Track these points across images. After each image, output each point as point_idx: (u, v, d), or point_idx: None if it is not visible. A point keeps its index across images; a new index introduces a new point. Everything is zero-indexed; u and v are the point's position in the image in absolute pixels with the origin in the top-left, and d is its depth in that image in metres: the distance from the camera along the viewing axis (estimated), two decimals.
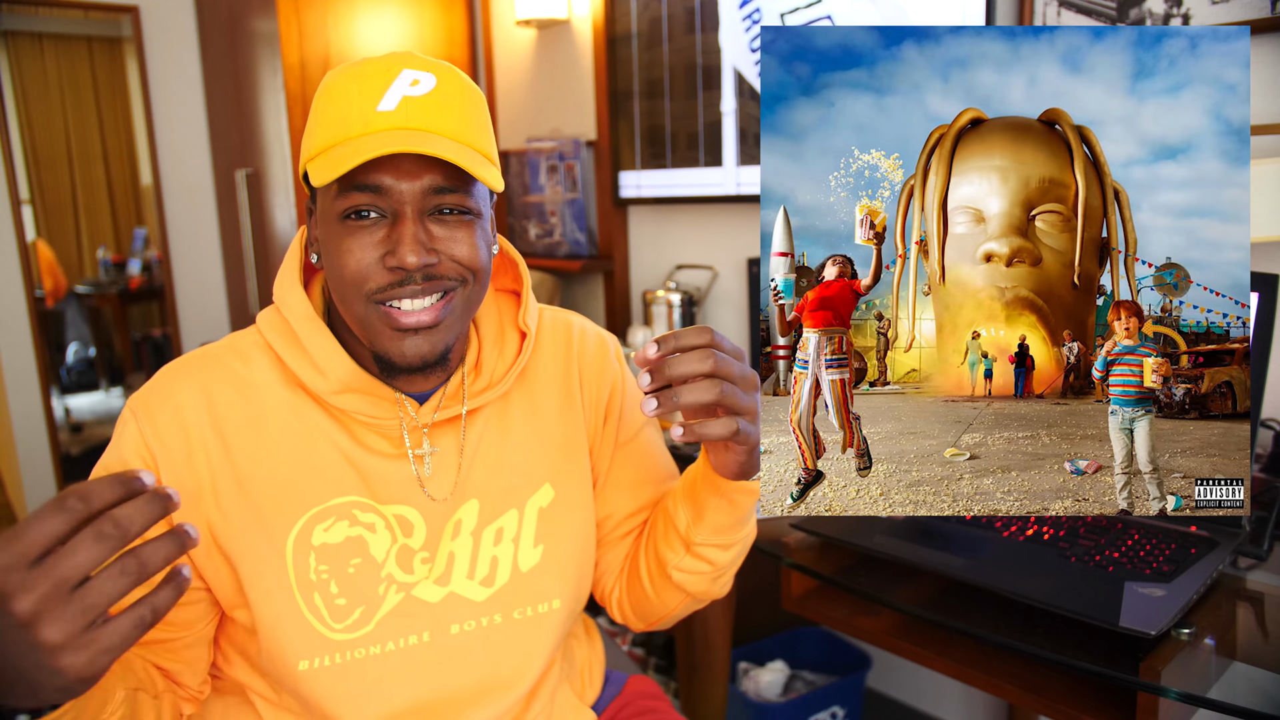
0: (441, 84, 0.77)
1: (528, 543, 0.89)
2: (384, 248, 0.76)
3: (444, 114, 0.76)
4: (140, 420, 0.79)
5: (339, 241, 0.77)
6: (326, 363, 0.81)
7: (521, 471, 0.90)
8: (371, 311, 0.77)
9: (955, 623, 1.04)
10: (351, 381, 0.82)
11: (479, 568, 0.87)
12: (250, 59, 2.87)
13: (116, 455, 0.79)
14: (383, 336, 0.78)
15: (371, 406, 0.83)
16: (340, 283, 0.78)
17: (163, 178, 3.28)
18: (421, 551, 0.85)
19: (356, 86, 0.76)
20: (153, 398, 0.80)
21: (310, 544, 0.81)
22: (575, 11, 2.65)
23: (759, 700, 1.87)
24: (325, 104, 0.77)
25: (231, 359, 0.83)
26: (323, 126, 0.77)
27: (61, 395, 3.54)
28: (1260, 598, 1.08)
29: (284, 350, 0.82)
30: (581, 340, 0.97)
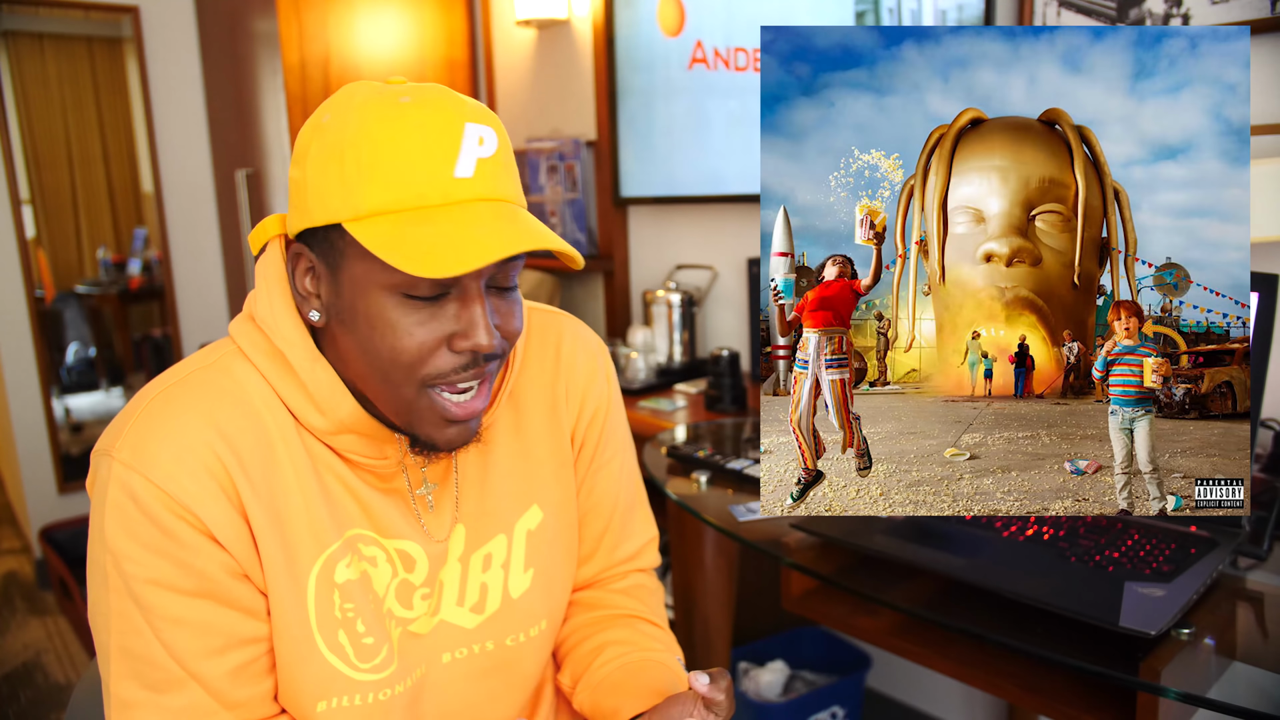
0: (500, 139, 0.70)
1: (518, 567, 0.85)
2: (450, 328, 0.69)
3: (508, 176, 0.71)
4: (153, 476, 0.67)
5: (387, 316, 0.68)
6: (328, 402, 0.73)
7: (508, 494, 0.86)
8: (423, 398, 0.71)
9: (955, 623, 1.04)
10: (350, 423, 0.75)
11: (469, 595, 0.83)
12: (250, 59, 2.87)
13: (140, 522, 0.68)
14: (428, 424, 0.72)
15: (366, 446, 0.77)
16: (384, 362, 0.69)
17: (163, 178, 3.28)
18: (422, 588, 0.81)
19: (421, 141, 0.66)
20: (156, 448, 0.69)
21: (334, 581, 0.75)
22: (575, 11, 2.65)
23: (759, 700, 1.87)
24: (378, 153, 0.66)
25: (223, 382, 0.73)
26: (380, 182, 0.66)
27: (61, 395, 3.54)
28: (1260, 598, 1.08)
29: (279, 383, 0.74)
30: (572, 354, 0.90)
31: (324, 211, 0.68)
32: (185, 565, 0.69)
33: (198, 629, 0.70)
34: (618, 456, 0.95)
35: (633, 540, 0.97)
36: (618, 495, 0.95)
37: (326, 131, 0.68)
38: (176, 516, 0.68)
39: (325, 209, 0.68)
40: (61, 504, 3.19)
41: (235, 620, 0.72)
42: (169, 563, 0.68)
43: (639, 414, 2.00)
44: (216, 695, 0.71)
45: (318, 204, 0.68)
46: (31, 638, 2.82)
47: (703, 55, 2.23)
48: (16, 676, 2.59)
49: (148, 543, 0.68)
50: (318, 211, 0.68)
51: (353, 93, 0.70)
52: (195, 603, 0.70)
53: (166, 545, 0.68)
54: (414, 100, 0.68)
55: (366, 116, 0.67)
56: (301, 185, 0.70)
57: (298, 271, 0.73)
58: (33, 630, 2.88)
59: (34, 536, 3.17)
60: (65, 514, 3.17)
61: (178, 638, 0.69)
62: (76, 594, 2.64)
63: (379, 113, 0.67)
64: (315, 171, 0.68)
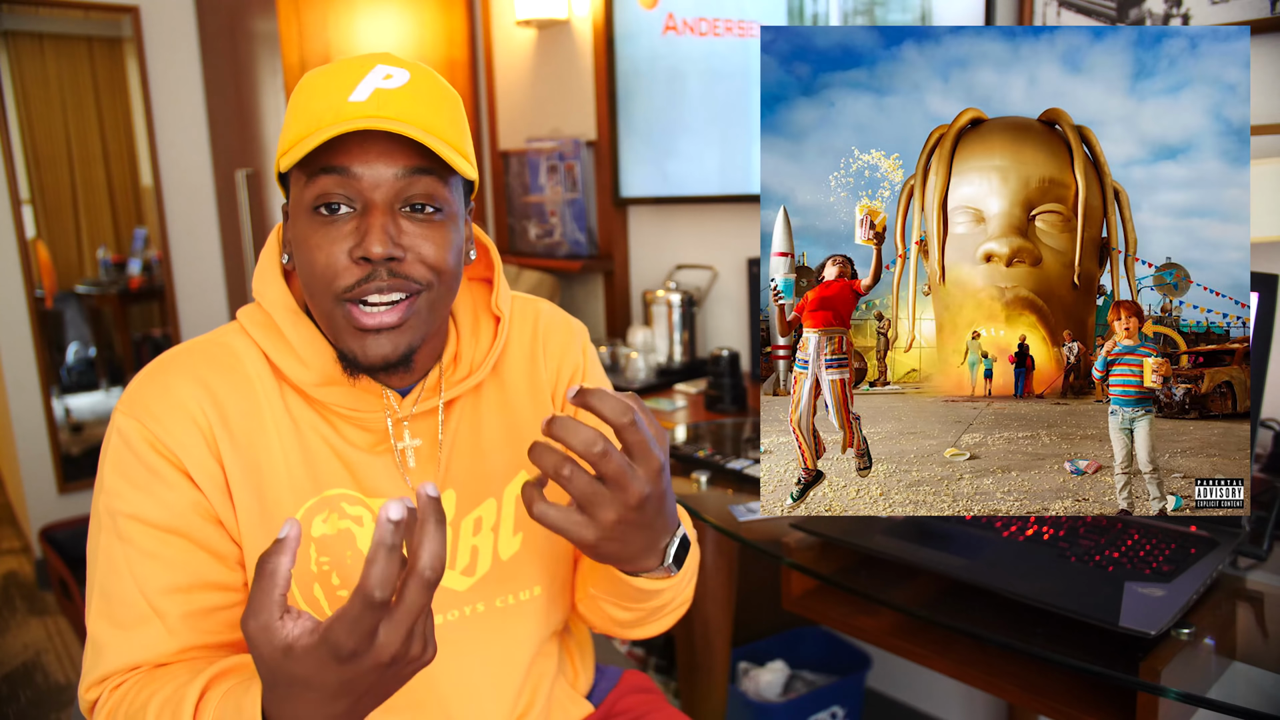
0: (415, 79, 0.76)
1: (507, 531, 0.89)
2: (352, 240, 0.74)
3: (417, 106, 0.75)
4: (144, 419, 0.77)
5: (308, 236, 0.75)
6: (308, 354, 0.80)
7: (497, 459, 0.90)
8: (337, 310, 0.76)
9: (955, 623, 1.04)
10: (334, 374, 0.81)
11: (460, 558, 0.86)
12: (250, 59, 2.87)
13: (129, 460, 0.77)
14: (346, 335, 0.77)
15: (353, 399, 0.82)
16: (310, 279, 0.76)
17: (163, 178, 3.28)
18: None
19: (328, 80, 0.75)
20: (148, 396, 0.78)
21: (310, 535, 0.81)
22: (575, 11, 2.65)
23: (759, 700, 1.87)
24: (298, 99, 0.76)
25: (218, 351, 0.82)
26: (295, 120, 0.75)
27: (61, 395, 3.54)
28: (1260, 598, 1.08)
29: (266, 342, 0.81)
30: (548, 326, 0.96)
31: (276, 160, 0.78)
32: (162, 500, 0.76)
33: (165, 563, 0.76)
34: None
35: None
36: None
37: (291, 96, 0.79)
38: (158, 454, 0.76)
39: (277, 156, 0.77)
40: (61, 504, 3.19)
41: (204, 562, 0.78)
42: (149, 497, 0.76)
43: None
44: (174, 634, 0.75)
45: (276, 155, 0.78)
46: (31, 638, 2.82)
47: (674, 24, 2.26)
48: (16, 676, 2.59)
49: (133, 478, 0.76)
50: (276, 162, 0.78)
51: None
52: (167, 538, 0.76)
53: (148, 480, 0.76)
54: (346, 56, 0.79)
55: (307, 74, 0.78)
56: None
57: (285, 223, 0.82)
58: (33, 630, 2.88)
59: (34, 536, 3.17)
60: (65, 514, 3.17)
61: (147, 571, 0.75)
62: (76, 594, 2.63)
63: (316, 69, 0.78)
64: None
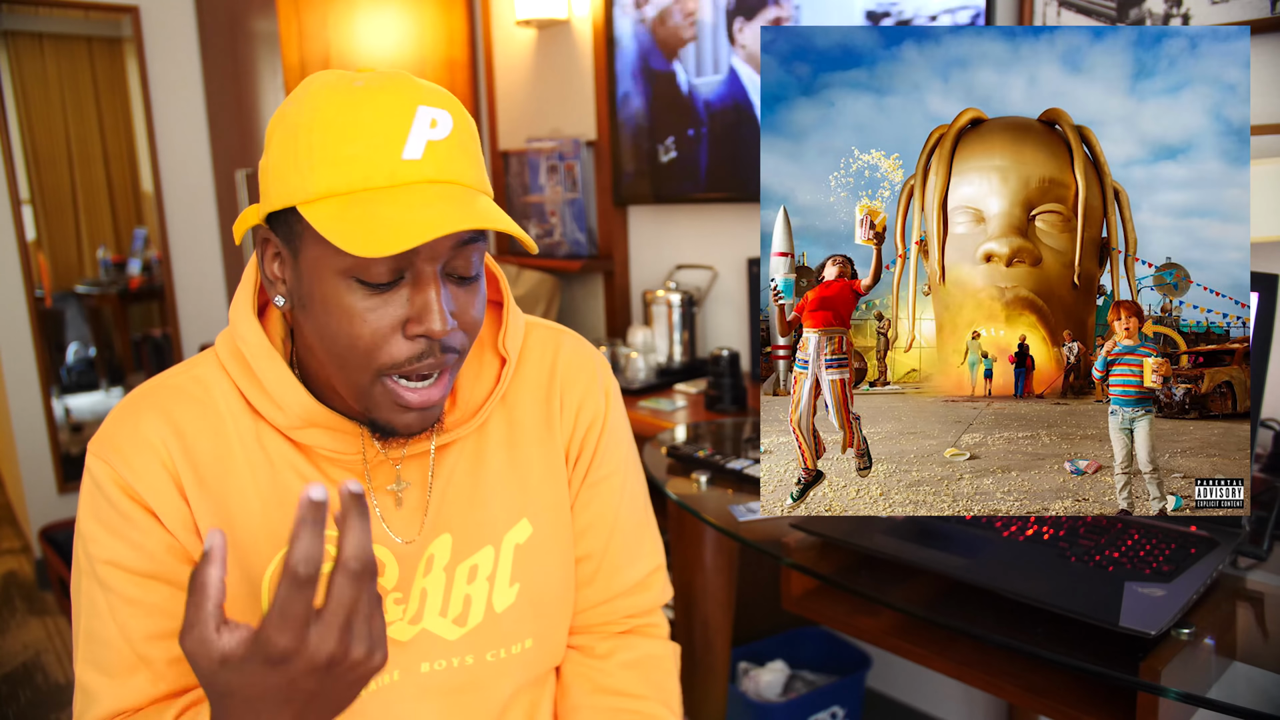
0: (456, 122, 0.70)
1: (503, 581, 0.83)
2: (402, 313, 0.68)
3: (464, 159, 0.69)
4: (113, 462, 0.73)
5: (342, 302, 0.67)
6: (285, 399, 0.75)
7: (498, 505, 0.84)
8: (377, 385, 0.70)
9: (955, 623, 1.04)
10: (312, 416, 0.76)
11: (451, 606, 0.81)
12: (250, 59, 2.87)
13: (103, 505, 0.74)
14: (385, 409, 0.72)
15: (334, 441, 0.77)
16: (343, 350, 0.69)
17: (163, 178, 3.28)
18: (395, 592, 0.79)
19: (371, 122, 0.66)
20: (117, 436, 0.74)
21: None
22: (575, 11, 2.65)
23: (759, 700, 1.87)
24: (328, 136, 0.66)
25: (191, 386, 0.77)
26: (329, 165, 0.65)
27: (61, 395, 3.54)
28: (1260, 598, 1.08)
29: (242, 382, 0.76)
30: (569, 366, 0.89)
31: (281, 195, 0.68)
32: (138, 546, 0.73)
33: (148, 610, 0.73)
34: (617, 474, 0.91)
35: (636, 566, 0.92)
36: (617, 515, 0.91)
37: (286, 117, 0.69)
38: (128, 497, 0.73)
39: (283, 192, 0.68)
40: (61, 504, 3.19)
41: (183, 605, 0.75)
42: (124, 543, 0.73)
43: (639, 414, 2.00)
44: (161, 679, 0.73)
45: (277, 188, 0.68)
46: (31, 638, 2.83)
47: None
48: (16, 677, 2.59)
49: (107, 523, 0.73)
50: (276, 195, 0.68)
51: (312, 79, 0.71)
52: (147, 583, 0.73)
53: (122, 525, 0.73)
54: (367, 84, 0.68)
55: (320, 101, 0.67)
56: (266, 171, 0.70)
57: (266, 257, 0.74)
58: (32, 630, 2.88)
59: (34, 536, 3.17)
60: (65, 514, 3.17)
61: (131, 618, 0.73)
62: None
63: (332, 97, 0.67)
64: (275, 157, 0.69)
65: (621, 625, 0.94)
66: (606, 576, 0.91)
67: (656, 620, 0.96)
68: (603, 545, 0.91)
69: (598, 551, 0.91)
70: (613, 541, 0.91)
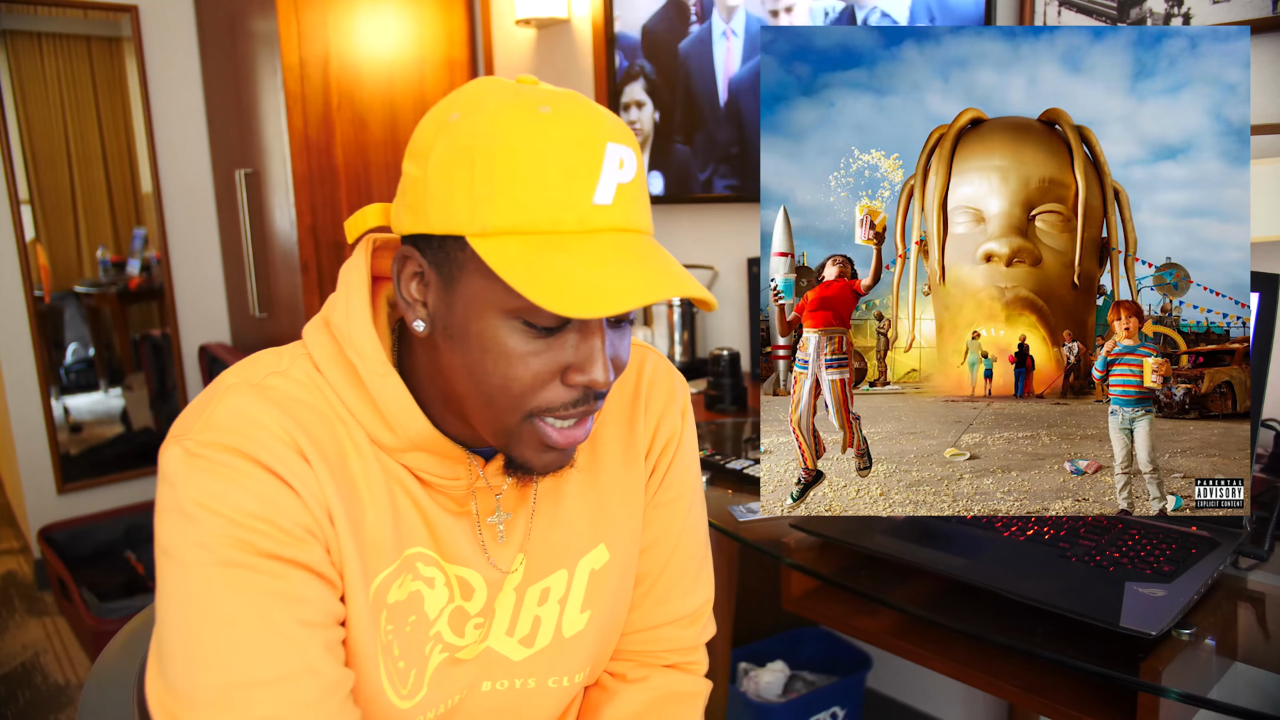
0: (638, 161, 0.65)
1: (575, 606, 0.80)
2: (565, 359, 0.64)
3: (644, 202, 0.65)
4: (238, 444, 0.63)
5: (503, 341, 0.63)
6: (398, 419, 0.69)
7: (576, 529, 0.80)
8: (526, 426, 0.66)
9: (955, 623, 1.04)
10: (425, 442, 0.70)
11: (520, 625, 0.78)
12: (250, 59, 2.87)
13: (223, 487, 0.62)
14: (527, 448, 0.68)
15: (439, 466, 0.72)
16: (491, 387, 0.65)
17: (162, 178, 3.28)
18: (476, 617, 0.77)
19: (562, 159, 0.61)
20: (244, 426, 0.64)
21: (385, 601, 0.71)
22: (575, 11, 2.65)
23: (759, 700, 1.87)
24: (514, 167, 0.60)
25: (299, 390, 0.69)
26: (513, 199, 0.60)
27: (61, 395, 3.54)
28: (1261, 598, 1.08)
29: (348, 396, 0.69)
30: (653, 380, 0.85)
31: (446, 220, 0.62)
32: (274, 523, 0.64)
33: (289, 598, 0.64)
34: (684, 499, 0.89)
35: (689, 597, 0.90)
36: (679, 540, 0.88)
37: (455, 132, 0.62)
38: (265, 470, 0.64)
39: (448, 218, 0.61)
40: (61, 504, 3.19)
41: (326, 594, 0.67)
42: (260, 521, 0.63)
43: None
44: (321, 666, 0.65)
45: (439, 211, 0.62)
46: (30, 638, 2.82)
47: None
48: (15, 677, 2.59)
49: (233, 502, 0.63)
50: (438, 218, 0.62)
51: (485, 93, 0.64)
52: (286, 567, 0.64)
53: (252, 502, 0.63)
54: (555, 111, 0.62)
55: (502, 123, 0.61)
56: (420, 185, 0.63)
57: (404, 275, 0.67)
58: (31, 630, 2.87)
59: (33, 537, 3.17)
60: (65, 514, 3.17)
61: (275, 607, 0.63)
62: (75, 594, 2.63)
63: (517, 121, 0.61)
64: (439, 174, 0.62)
65: (662, 659, 0.91)
66: (656, 602, 0.89)
67: (697, 658, 0.93)
68: (659, 569, 0.88)
69: (652, 574, 0.88)
70: (669, 567, 0.89)
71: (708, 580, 0.93)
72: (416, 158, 0.65)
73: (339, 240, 2.80)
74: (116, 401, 4.09)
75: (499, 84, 0.65)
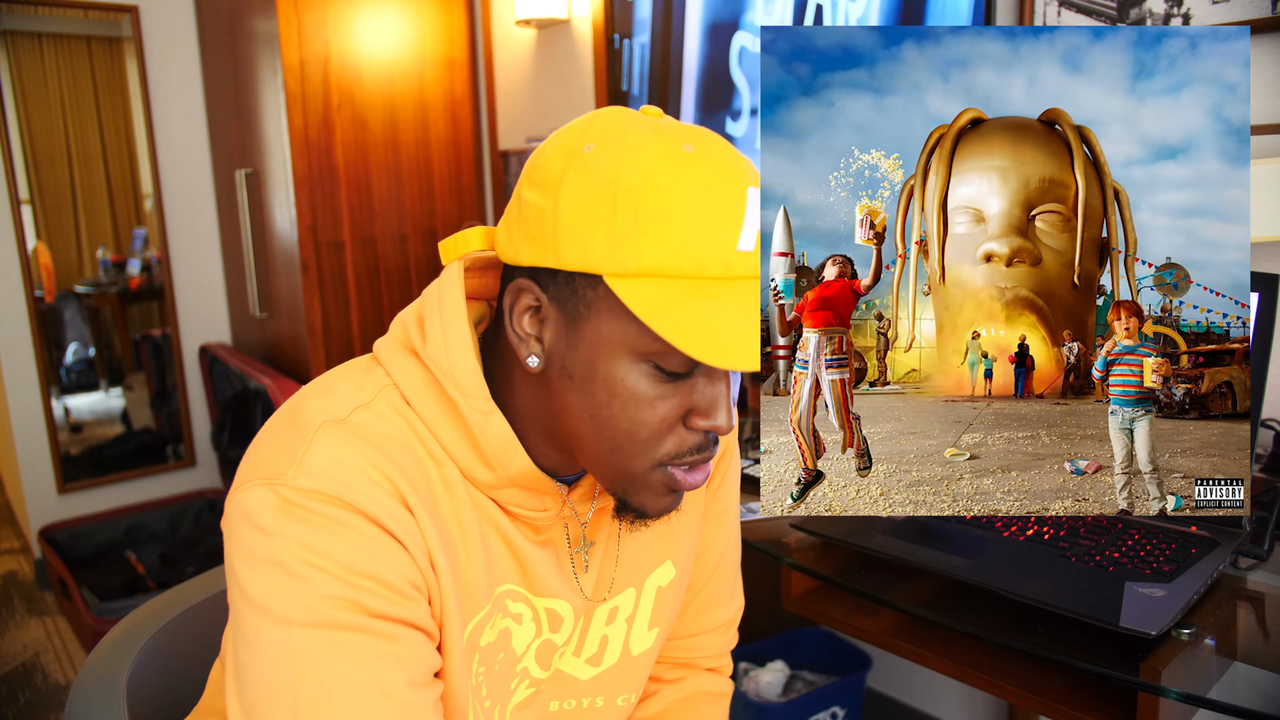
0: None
1: (642, 624, 0.80)
2: (689, 403, 0.63)
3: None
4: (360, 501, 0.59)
5: (631, 385, 0.61)
6: (500, 458, 0.66)
7: (646, 548, 0.80)
8: (654, 473, 0.65)
9: (955, 623, 1.04)
10: (522, 479, 0.68)
11: (588, 646, 0.78)
12: (250, 59, 2.87)
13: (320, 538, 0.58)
14: (649, 494, 0.66)
15: (530, 499, 0.70)
16: (617, 432, 0.63)
17: (162, 178, 3.28)
18: (563, 648, 0.76)
19: (709, 203, 0.59)
20: (345, 474, 0.60)
21: (478, 644, 0.69)
22: (575, 11, 2.65)
23: (759, 700, 1.87)
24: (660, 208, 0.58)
25: (387, 428, 0.64)
26: (659, 241, 0.58)
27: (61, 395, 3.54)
28: (1261, 598, 1.08)
29: (443, 432, 0.66)
30: None
31: (581, 257, 0.59)
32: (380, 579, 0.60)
33: (400, 660, 0.60)
34: (730, 512, 0.90)
35: (727, 607, 0.92)
36: (724, 551, 0.90)
37: (591, 166, 0.60)
38: (369, 520, 0.60)
39: (583, 255, 0.59)
40: (61, 504, 3.19)
41: (431, 651, 0.64)
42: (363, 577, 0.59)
43: None
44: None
45: (573, 246, 0.59)
46: (30, 638, 2.82)
47: None
48: (15, 677, 2.59)
49: (332, 555, 0.59)
50: (571, 254, 0.59)
51: (624, 127, 0.61)
52: (392, 626, 0.60)
53: (370, 566, 0.60)
54: (698, 152, 0.60)
55: (648, 162, 0.59)
56: (549, 217, 0.60)
57: (517, 307, 0.64)
58: (32, 630, 2.88)
59: (33, 536, 3.17)
60: (65, 514, 3.17)
61: (386, 670, 0.59)
62: (76, 594, 2.64)
63: (661, 159, 0.59)
64: (573, 208, 0.59)
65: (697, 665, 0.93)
66: (698, 611, 0.90)
67: (726, 663, 0.96)
68: (704, 579, 0.90)
69: (698, 584, 0.90)
70: (714, 578, 0.90)
71: (740, 589, 0.95)
72: (544, 189, 0.62)
73: (339, 240, 2.80)
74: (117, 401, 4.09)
75: (633, 116, 0.63)
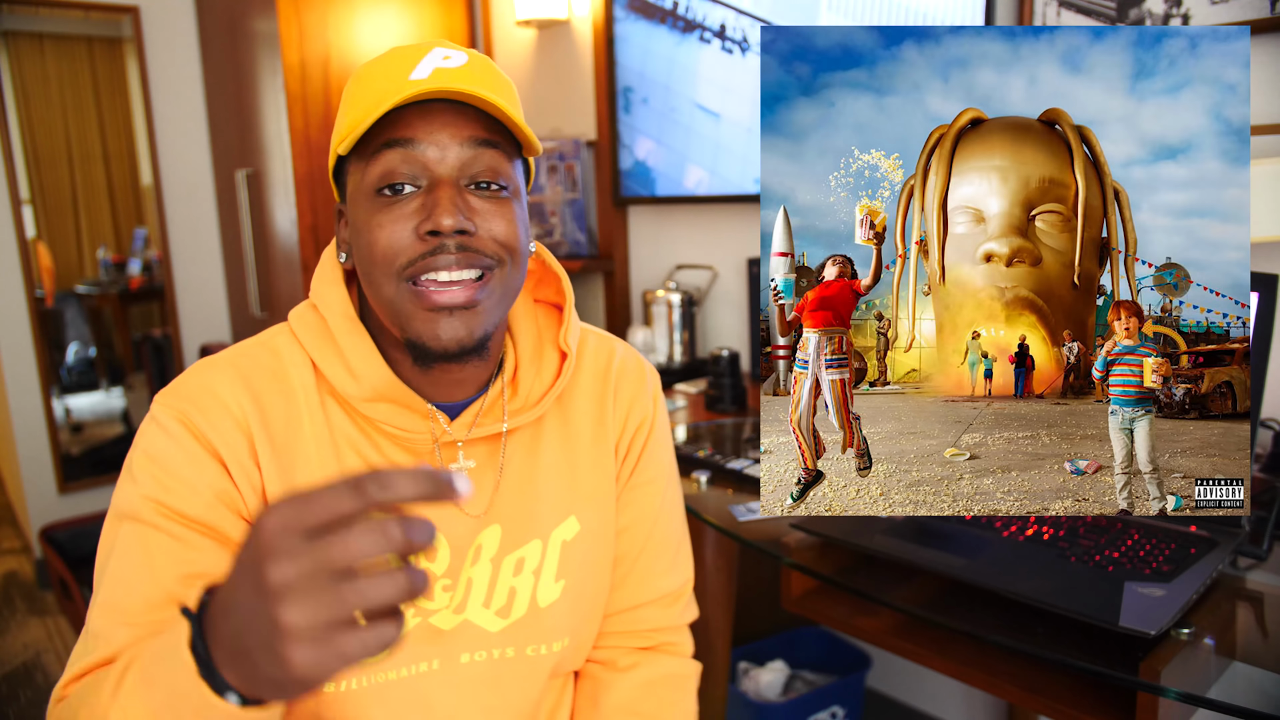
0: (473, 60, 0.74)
1: (549, 576, 0.84)
2: (418, 217, 0.71)
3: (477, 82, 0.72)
4: (186, 410, 0.73)
5: (370, 218, 0.72)
6: (360, 366, 0.76)
7: (548, 500, 0.84)
8: (403, 291, 0.72)
9: (955, 623, 1.04)
10: (385, 389, 0.76)
11: (496, 597, 0.82)
12: (250, 59, 2.87)
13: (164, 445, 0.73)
14: (416, 319, 0.72)
15: (402, 418, 0.78)
16: (370, 264, 0.73)
17: (163, 178, 3.28)
18: (444, 579, 0.80)
19: (386, 64, 0.73)
20: (194, 391, 0.74)
21: None
22: (575, 11, 2.65)
23: (759, 700, 1.87)
24: (355, 87, 0.74)
25: (264, 355, 0.78)
26: (352, 105, 0.73)
27: (61, 395, 3.54)
28: (1260, 598, 1.08)
29: (316, 350, 0.77)
30: (621, 368, 0.91)
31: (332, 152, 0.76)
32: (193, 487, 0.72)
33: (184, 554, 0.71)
34: (659, 480, 0.93)
35: (668, 577, 0.93)
36: (656, 520, 0.92)
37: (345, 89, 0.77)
38: (197, 440, 0.73)
39: (331, 150, 0.76)
40: (61, 504, 3.19)
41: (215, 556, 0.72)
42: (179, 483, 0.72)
43: None
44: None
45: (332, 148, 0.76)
46: (31, 638, 2.83)
47: None
48: (16, 677, 2.59)
49: (165, 462, 0.72)
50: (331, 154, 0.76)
51: None
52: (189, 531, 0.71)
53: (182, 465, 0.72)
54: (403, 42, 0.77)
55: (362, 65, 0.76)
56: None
57: (339, 228, 0.81)
58: (32, 630, 2.88)
59: (34, 536, 3.17)
60: (65, 514, 3.17)
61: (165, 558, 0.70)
62: (77, 594, 2.64)
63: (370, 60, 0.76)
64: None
65: (646, 640, 0.94)
66: (637, 581, 0.92)
67: (681, 639, 0.96)
68: (638, 549, 0.92)
69: (632, 554, 0.92)
70: (648, 546, 0.92)
71: (686, 561, 0.96)
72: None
73: None
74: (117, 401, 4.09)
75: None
